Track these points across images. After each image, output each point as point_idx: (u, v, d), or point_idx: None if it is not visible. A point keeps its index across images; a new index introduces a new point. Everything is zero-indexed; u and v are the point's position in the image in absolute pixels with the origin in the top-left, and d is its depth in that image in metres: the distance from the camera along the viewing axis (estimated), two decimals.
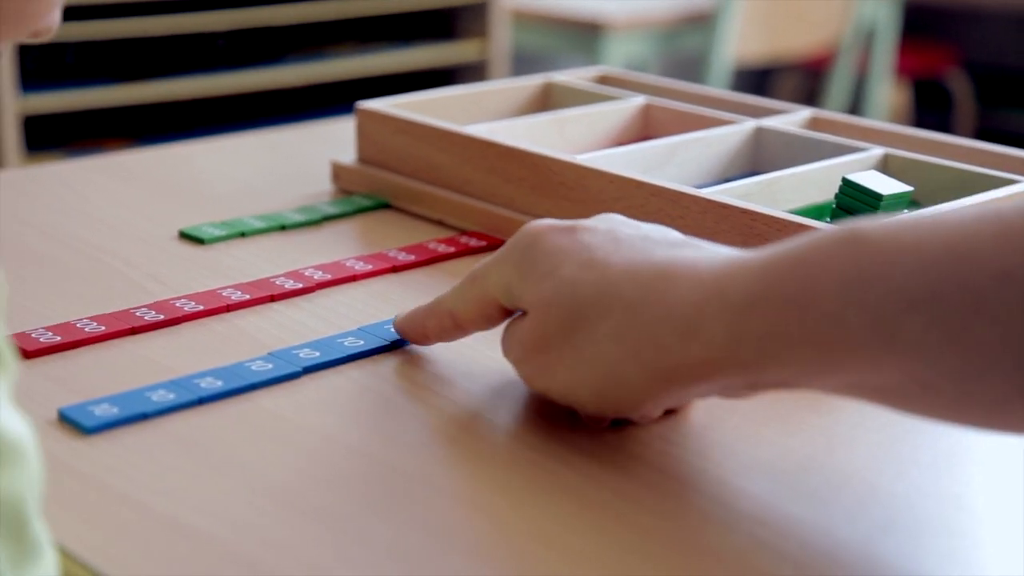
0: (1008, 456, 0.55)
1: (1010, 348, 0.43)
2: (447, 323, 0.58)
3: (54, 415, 0.55)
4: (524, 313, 0.54)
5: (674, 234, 0.54)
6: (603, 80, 0.96)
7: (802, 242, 0.47)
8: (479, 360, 0.61)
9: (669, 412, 0.55)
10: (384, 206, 0.83)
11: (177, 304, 0.66)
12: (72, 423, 0.54)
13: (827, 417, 0.56)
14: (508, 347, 0.55)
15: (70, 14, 2.01)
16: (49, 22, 0.50)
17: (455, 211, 0.80)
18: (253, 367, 0.59)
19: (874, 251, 0.45)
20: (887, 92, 3.25)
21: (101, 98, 2.03)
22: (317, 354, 0.60)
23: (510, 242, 0.55)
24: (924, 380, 0.45)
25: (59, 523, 0.47)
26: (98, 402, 0.55)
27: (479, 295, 0.56)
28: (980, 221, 0.44)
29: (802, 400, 0.57)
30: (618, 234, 0.53)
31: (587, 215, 0.73)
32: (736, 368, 0.48)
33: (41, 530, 0.38)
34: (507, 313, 0.56)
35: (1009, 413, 0.45)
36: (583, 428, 0.54)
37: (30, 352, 0.60)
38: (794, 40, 2.84)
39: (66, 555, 0.45)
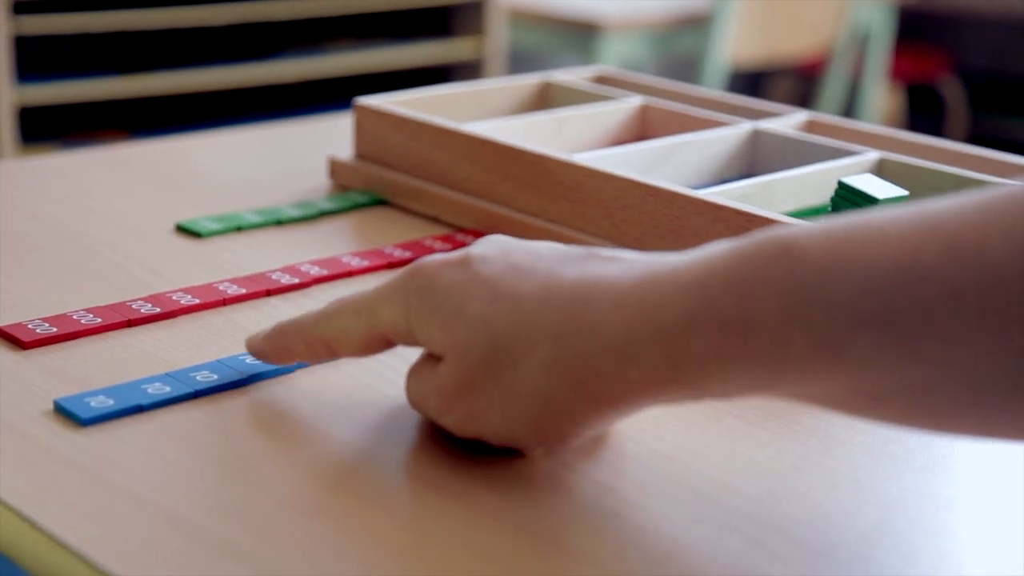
0: (1000, 459, 0.55)
1: (962, 365, 0.42)
2: (320, 350, 0.55)
3: (50, 406, 0.55)
4: (429, 359, 0.52)
5: (567, 248, 0.52)
6: (601, 80, 0.96)
7: (732, 254, 0.46)
8: None
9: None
10: (381, 202, 0.83)
11: (173, 297, 0.66)
12: (68, 415, 0.54)
13: (821, 418, 0.56)
14: (422, 398, 0.52)
15: (67, 6, 2.01)
16: None
17: (452, 208, 0.80)
18: (248, 361, 0.59)
19: (816, 268, 0.43)
20: (880, 96, 3.26)
21: (97, 90, 2.03)
22: None
23: (401, 280, 0.52)
24: (872, 394, 0.44)
25: (55, 515, 0.47)
26: (94, 394, 0.55)
27: (366, 330, 0.53)
28: (924, 234, 0.43)
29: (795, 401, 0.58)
30: (514, 259, 0.51)
31: (584, 214, 0.74)
32: (677, 387, 0.47)
33: None
34: (391, 345, 0.54)
35: (962, 421, 0.44)
36: None
37: (27, 343, 0.60)
38: (789, 43, 2.85)
39: (63, 547, 0.45)
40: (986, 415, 0.43)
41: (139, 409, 0.55)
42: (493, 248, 0.52)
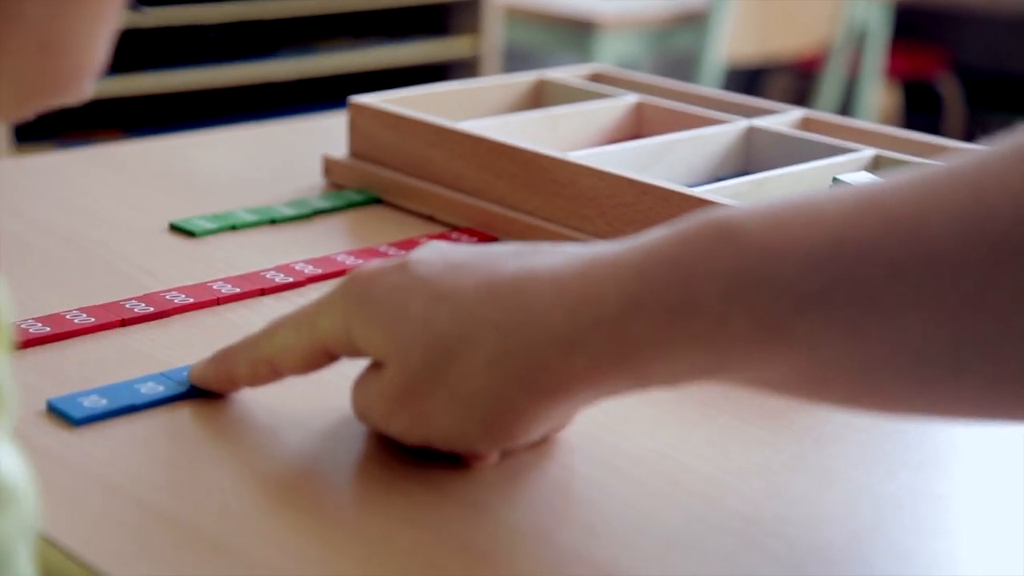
0: (995, 457, 0.55)
1: (905, 343, 0.42)
2: (263, 371, 0.54)
3: (43, 406, 0.55)
4: (373, 369, 0.51)
5: (507, 245, 0.51)
6: (596, 78, 0.96)
7: (672, 238, 0.45)
8: None
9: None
10: (375, 201, 0.83)
11: (167, 296, 0.66)
12: (61, 415, 0.54)
13: (816, 417, 0.56)
14: (367, 406, 0.51)
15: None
16: (79, 95, 0.48)
17: (446, 207, 0.80)
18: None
19: (756, 249, 0.43)
20: (877, 94, 3.26)
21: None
22: None
23: (339, 289, 0.51)
24: (817, 375, 0.44)
25: (49, 515, 0.47)
26: (87, 394, 0.55)
27: (306, 344, 0.52)
28: (862, 211, 0.42)
29: (790, 400, 0.58)
30: (452, 259, 0.50)
31: (578, 212, 0.73)
32: (623, 374, 0.46)
33: (27, 574, 0.37)
34: (333, 359, 0.53)
35: (907, 400, 0.44)
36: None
37: (20, 343, 0.60)
38: (785, 41, 2.85)
39: (56, 547, 0.45)
40: (931, 394, 0.43)
41: (132, 409, 0.55)
42: (431, 251, 0.51)
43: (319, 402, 0.56)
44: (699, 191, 0.69)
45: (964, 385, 0.42)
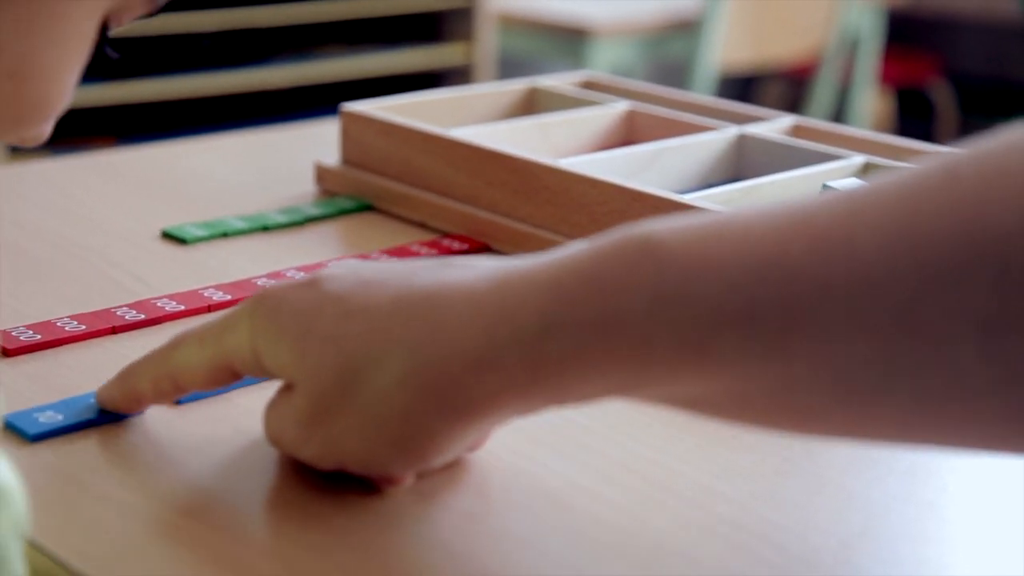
0: (983, 464, 0.55)
1: (829, 362, 0.41)
2: (166, 386, 0.52)
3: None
4: (285, 391, 0.49)
5: (422, 260, 0.49)
6: (587, 85, 0.96)
7: (592, 252, 0.44)
8: None
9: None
10: (367, 208, 0.83)
11: (158, 304, 0.66)
12: (16, 431, 0.53)
13: None
14: (279, 431, 0.49)
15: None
16: (39, 133, 0.49)
17: (438, 214, 0.80)
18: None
19: (679, 267, 0.42)
20: (870, 101, 3.26)
21: (86, 97, 2.03)
22: None
23: (247, 305, 0.50)
24: (736, 393, 0.43)
25: (37, 522, 0.47)
26: (42, 409, 0.54)
27: (209, 361, 0.51)
28: (790, 230, 0.41)
29: (711, 419, 0.58)
30: (364, 276, 0.48)
31: (569, 219, 0.74)
32: (538, 393, 0.45)
33: (19, 573, 0.37)
34: (237, 377, 0.51)
35: (828, 421, 0.43)
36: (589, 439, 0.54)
37: (10, 351, 0.60)
38: (778, 48, 2.85)
39: (44, 554, 0.45)
40: (853, 414, 0.42)
41: (89, 424, 0.54)
42: (343, 268, 0.50)
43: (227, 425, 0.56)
44: (690, 198, 0.70)
45: (887, 406, 0.41)
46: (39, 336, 0.62)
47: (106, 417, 0.54)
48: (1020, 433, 0.40)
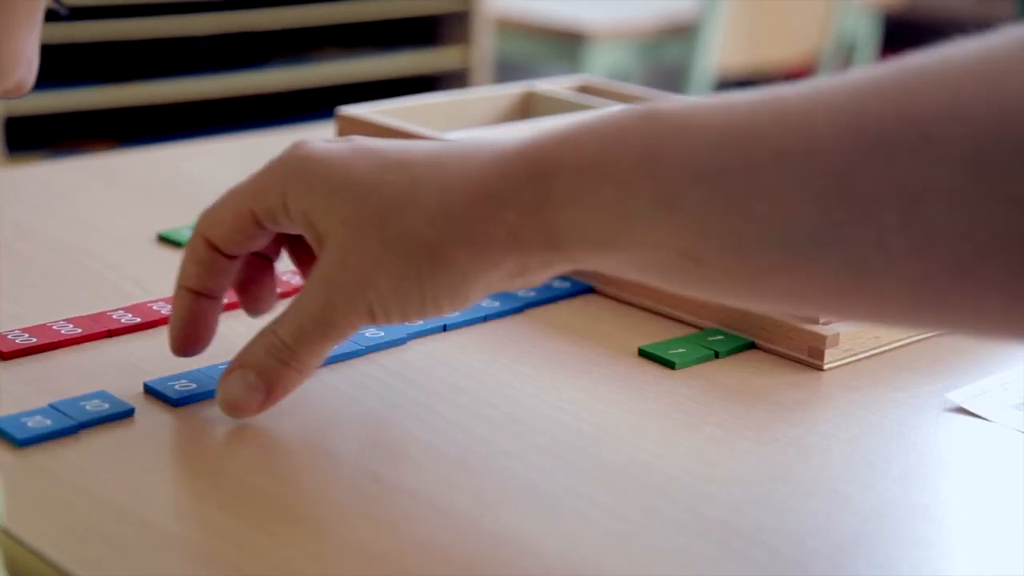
0: (977, 468, 0.55)
1: (776, 222, 0.45)
2: (199, 248, 0.56)
3: None
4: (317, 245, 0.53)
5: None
6: (584, 89, 0.96)
7: (601, 118, 0.49)
8: (471, 373, 0.61)
9: None
10: None
11: (154, 307, 0.66)
12: (4, 436, 0.53)
13: (799, 427, 0.57)
14: (317, 293, 0.52)
15: (54, 16, 2.01)
16: (20, 79, 0.51)
17: None
18: (177, 385, 0.58)
19: (667, 126, 0.47)
20: None
21: (84, 100, 2.03)
22: None
23: (281, 155, 0.54)
24: (697, 251, 0.47)
25: (33, 526, 0.47)
26: (31, 414, 0.54)
27: (236, 203, 0.55)
28: (763, 103, 0.46)
29: (775, 411, 0.58)
30: (396, 141, 0.54)
31: None
32: (540, 236, 0.49)
33: None
34: (261, 227, 0.55)
35: (766, 285, 0.47)
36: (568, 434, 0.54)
37: (6, 354, 0.60)
38: (775, 52, 2.86)
39: (39, 558, 0.45)
40: (793, 278, 0.46)
41: (79, 427, 0.54)
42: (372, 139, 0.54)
43: (295, 416, 0.56)
44: None
45: (821, 272, 0.45)
46: (35, 339, 0.62)
47: (96, 419, 0.54)
48: (931, 301, 0.44)
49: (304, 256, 0.59)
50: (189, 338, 0.57)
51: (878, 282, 0.44)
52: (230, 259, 0.56)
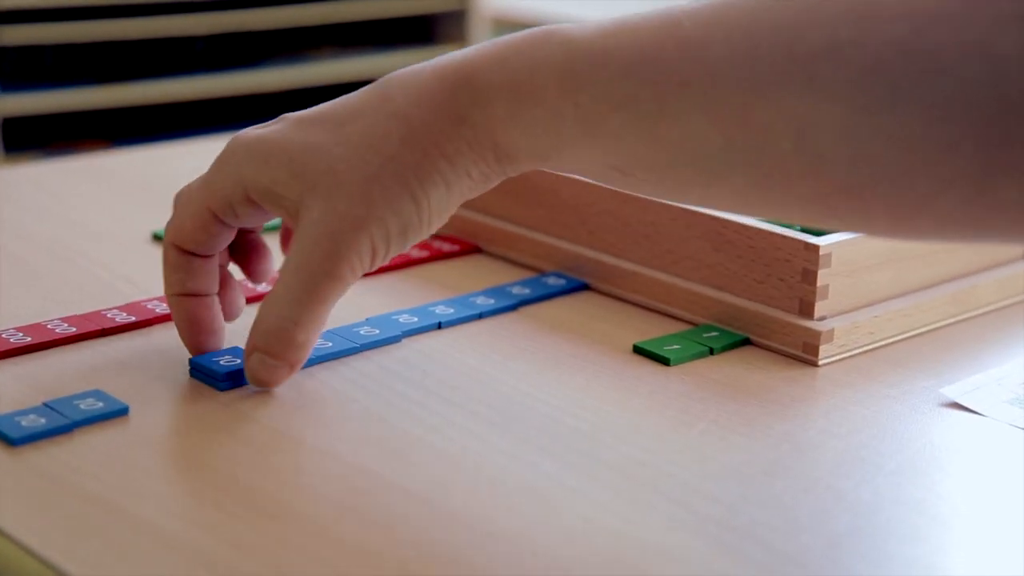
0: (972, 463, 0.55)
1: (688, 146, 0.50)
2: (171, 256, 0.58)
3: None
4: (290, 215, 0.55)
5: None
6: None
7: (524, 40, 0.53)
8: (473, 374, 0.61)
9: None
10: None
11: (148, 306, 0.66)
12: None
13: (793, 423, 0.57)
14: (311, 235, 0.54)
15: (49, 16, 2.01)
16: None
17: None
18: (222, 362, 0.58)
19: (584, 55, 0.51)
20: None
21: (80, 100, 2.03)
22: None
23: (222, 153, 0.57)
24: (622, 166, 0.52)
25: (27, 524, 0.47)
26: (25, 412, 0.54)
27: (196, 206, 0.57)
28: (664, 33, 0.50)
29: (769, 407, 0.58)
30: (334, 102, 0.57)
31: (560, 220, 0.74)
32: (492, 148, 0.54)
33: None
34: (222, 224, 0.57)
35: (685, 196, 0.53)
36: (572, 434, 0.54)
37: (0, 353, 0.60)
38: None
39: (33, 556, 0.45)
40: (704, 190, 0.52)
41: (73, 426, 0.54)
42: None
43: (292, 415, 0.56)
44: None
45: (730, 184, 0.50)
46: (29, 338, 0.62)
47: (90, 418, 0.54)
48: (827, 215, 0.49)
49: (246, 257, 0.63)
50: (199, 337, 0.59)
51: (782, 198, 0.49)
52: (206, 258, 0.58)
